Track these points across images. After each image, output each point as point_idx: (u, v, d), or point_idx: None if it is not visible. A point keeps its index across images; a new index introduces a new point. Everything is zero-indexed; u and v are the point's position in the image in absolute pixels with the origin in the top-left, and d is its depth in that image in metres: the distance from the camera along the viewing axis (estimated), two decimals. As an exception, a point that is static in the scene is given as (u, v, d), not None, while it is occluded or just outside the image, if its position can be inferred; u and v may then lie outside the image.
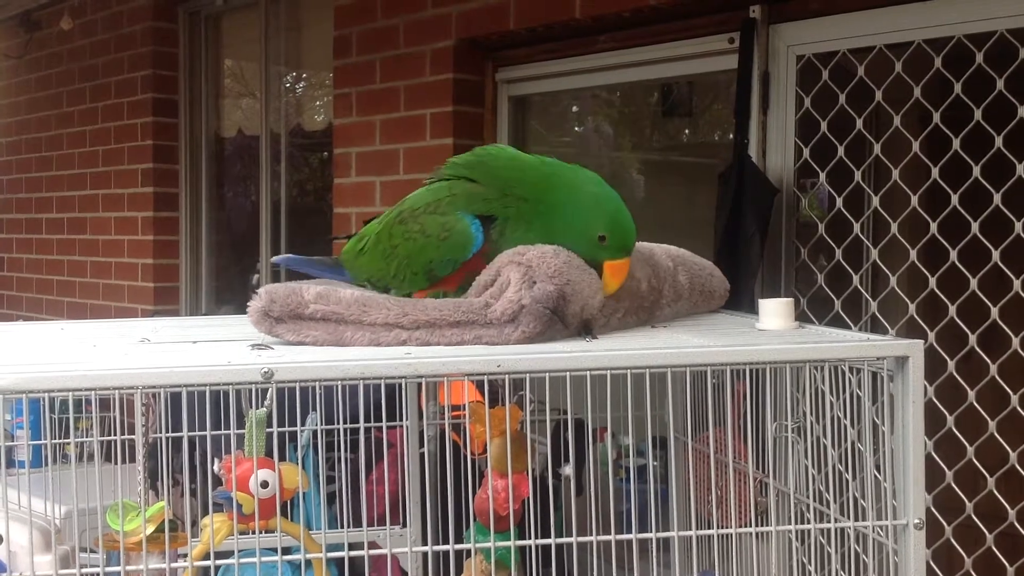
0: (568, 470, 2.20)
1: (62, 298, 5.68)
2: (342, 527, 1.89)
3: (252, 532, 1.29)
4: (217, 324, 1.61)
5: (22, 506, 1.92)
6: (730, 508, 1.63)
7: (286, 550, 1.33)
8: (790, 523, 1.46)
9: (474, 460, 1.68)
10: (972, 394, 2.39)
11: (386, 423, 1.89)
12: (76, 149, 5.59)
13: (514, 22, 3.41)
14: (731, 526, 1.52)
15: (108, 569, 1.18)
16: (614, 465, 2.22)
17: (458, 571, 1.35)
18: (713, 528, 1.33)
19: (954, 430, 2.40)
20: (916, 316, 2.52)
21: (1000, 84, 2.40)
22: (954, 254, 2.44)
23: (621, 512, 1.36)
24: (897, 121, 2.60)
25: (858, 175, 2.69)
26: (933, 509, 2.35)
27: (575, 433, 1.83)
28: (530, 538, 1.37)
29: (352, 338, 1.27)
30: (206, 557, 1.25)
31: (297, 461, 2.45)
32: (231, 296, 5.09)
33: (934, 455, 2.37)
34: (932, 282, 2.49)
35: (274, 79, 4.86)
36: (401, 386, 1.92)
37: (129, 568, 1.23)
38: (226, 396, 1.53)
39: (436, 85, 3.68)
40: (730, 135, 3.05)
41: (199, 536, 1.34)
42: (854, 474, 1.47)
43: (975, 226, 2.40)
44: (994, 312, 2.36)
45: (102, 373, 1.13)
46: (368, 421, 1.98)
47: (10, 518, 1.39)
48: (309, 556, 1.30)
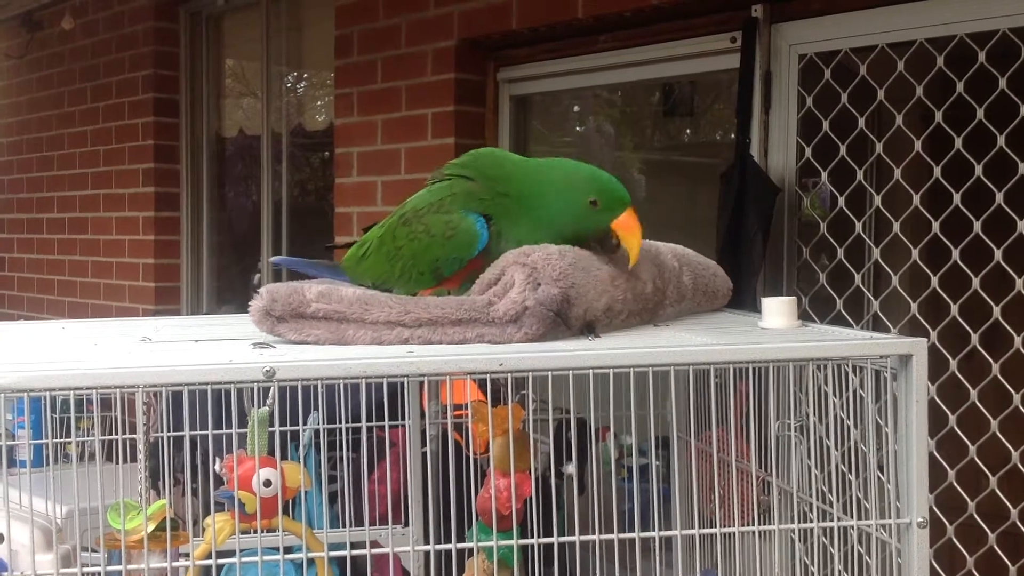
0: (571, 469, 2.20)
1: (63, 298, 5.68)
2: (344, 526, 1.89)
3: (254, 531, 1.29)
4: (218, 323, 1.61)
5: (23, 505, 1.92)
6: (733, 507, 1.63)
7: (288, 549, 1.33)
8: (793, 522, 1.46)
9: (476, 459, 1.67)
10: (974, 393, 2.39)
11: (388, 422, 1.89)
12: (77, 149, 5.59)
13: (516, 22, 3.41)
14: (734, 525, 1.52)
15: (109, 568, 1.18)
16: (616, 464, 2.22)
17: (460, 570, 1.35)
18: (715, 527, 1.33)
19: (956, 429, 2.40)
20: (918, 315, 2.52)
21: (1002, 83, 2.40)
22: (956, 253, 2.43)
23: (623, 511, 1.36)
24: (899, 120, 2.60)
25: (860, 174, 2.68)
26: (935, 508, 2.34)
27: (577, 432, 1.83)
28: (532, 537, 1.37)
29: (354, 337, 1.27)
30: (209, 556, 1.25)
31: (299, 460, 2.45)
32: (232, 296, 5.09)
33: (936, 454, 2.36)
34: (934, 281, 2.49)
35: (275, 79, 4.86)
36: (403, 385, 1.92)
37: (130, 567, 1.22)
38: (228, 395, 1.53)
39: (437, 85, 3.67)
40: (732, 134, 3.04)
41: (201, 535, 1.34)
42: (857, 473, 1.47)
43: (977, 225, 2.40)
44: (996, 311, 2.36)
45: (103, 372, 1.13)
46: (370, 420, 1.98)
47: (11, 517, 1.39)
48: (311, 555, 1.30)
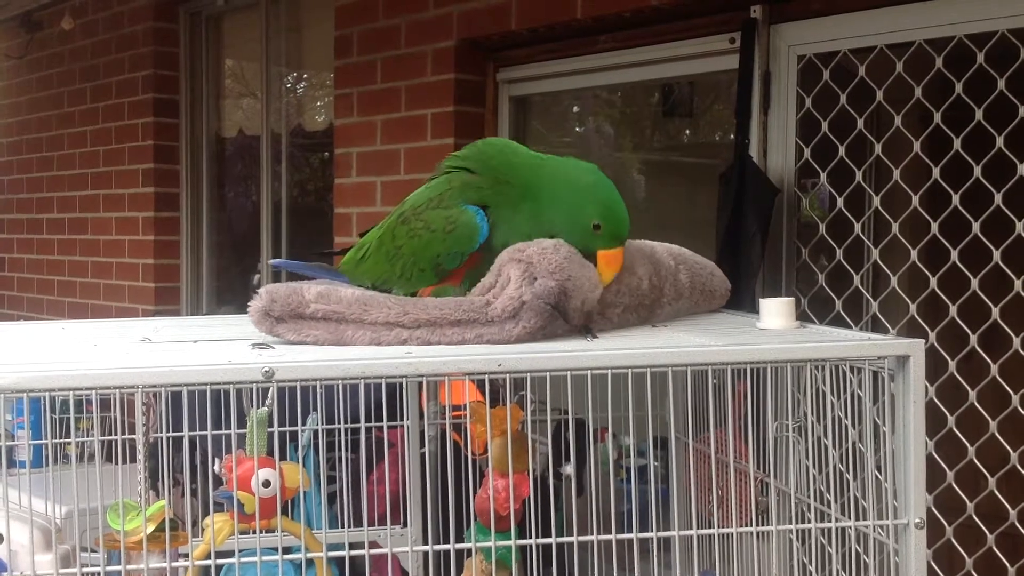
0: (569, 469, 2.20)
1: (63, 298, 5.68)
2: (343, 527, 1.89)
3: (253, 531, 1.29)
4: (218, 324, 1.61)
5: (23, 506, 1.92)
6: (731, 508, 1.63)
7: (287, 549, 1.33)
8: (791, 523, 1.46)
9: (475, 460, 1.68)
10: (973, 394, 2.39)
11: (387, 423, 1.89)
12: (77, 149, 5.59)
13: (515, 22, 3.41)
14: (732, 526, 1.52)
15: (109, 568, 1.18)
16: (615, 465, 2.22)
17: (458, 571, 1.35)
18: (714, 528, 1.33)
19: (955, 430, 2.40)
20: (917, 316, 2.52)
21: (1001, 84, 2.40)
22: (955, 254, 2.43)
23: (622, 512, 1.36)
24: (898, 121, 2.60)
25: (859, 175, 2.69)
26: (934, 509, 2.35)
27: (576, 433, 1.83)
28: (531, 538, 1.37)
29: (353, 337, 1.27)
30: (208, 557, 1.25)
31: (298, 460, 2.45)
32: (232, 296, 5.09)
33: (935, 455, 2.37)
34: (933, 282, 2.49)
35: (275, 79, 4.86)
36: (402, 386, 1.92)
37: (130, 567, 1.23)
38: (227, 395, 1.53)
39: (437, 85, 3.68)
40: (731, 135, 3.05)
41: (200, 536, 1.34)
42: (855, 474, 1.47)
43: (976, 226, 2.40)
44: (995, 312, 2.36)
45: (103, 372, 1.13)
46: (369, 421, 1.98)
47: (11, 517, 1.39)
48: (310, 555, 1.30)
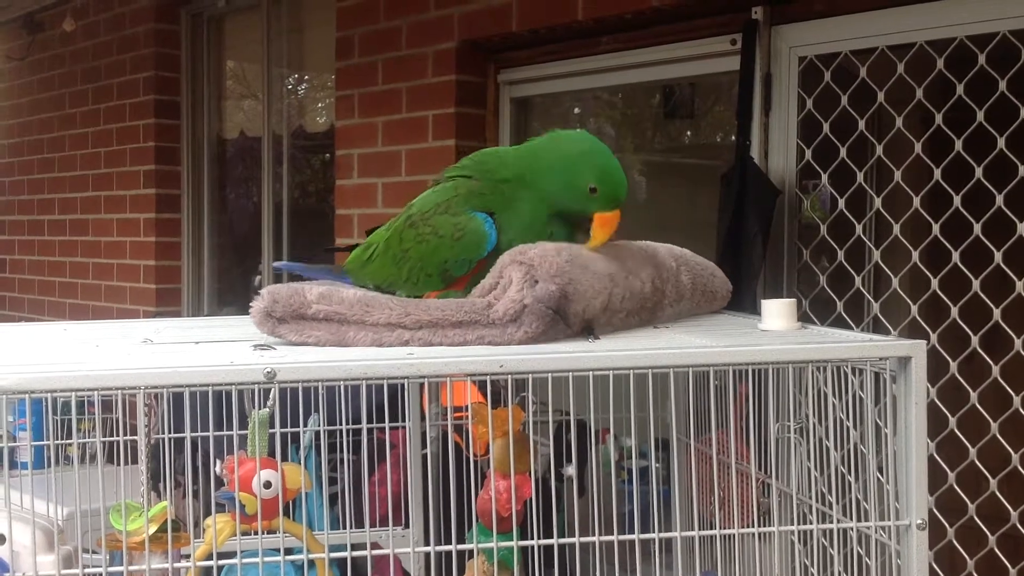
0: (571, 470, 2.20)
1: (64, 300, 5.68)
2: (344, 528, 1.89)
3: (255, 532, 1.29)
4: (219, 325, 1.61)
5: (24, 507, 1.92)
6: (732, 509, 1.63)
7: (289, 550, 1.33)
8: (792, 524, 1.46)
9: (476, 461, 1.68)
10: (974, 395, 2.39)
11: (388, 424, 1.89)
12: (78, 151, 5.59)
13: (516, 24, 3.41)
14: (734, 527, 1.52)
15: (111, 569, 1.18)
16: (616, 466, 2.22)
17: (460, 572, 1.35)
18: (715, 529, 1.33)
19: (956, 431, 2.40)
20: (918, 317, 2.52)
21: (1002, 85, 2.40)
22: (956, 255, 2.43)
23: (623, 513, 1.36)
24: (899, 122, 2.60)
25: (860, 176, 2.69)
26: (935, 511, 2.35)
27: (577, 434, 1.83)
28: (532, 539, 1.37)
29: (355, 338, 1.27)
30: (209, 557, 1.25)
31: (300, 462, 2.45)
32: (233, 298, 5.09)
33: (936, 456, 2.36)
34: (934, 283, 2.49)
35: (276, 81, 4.87)
36: (403, 387, 1.92)
37: (132, 568, 1.23)
38: (228, 396, 1.53)
39: (438, 87, 3.68)
40: (732, 136, 3.05)
41: (202, 536, 1.34)
42: (856, 475, 1.47)
43: (977, 227, 2.40)
44: (996, 313, 2.36)
45: (105, 373, 1.13)
46: (370, 422, 1.98)
47: (13, 518, 1.39)
48: (312, 556, 1.30)
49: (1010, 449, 2.33)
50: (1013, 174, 2.35)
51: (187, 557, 1.37)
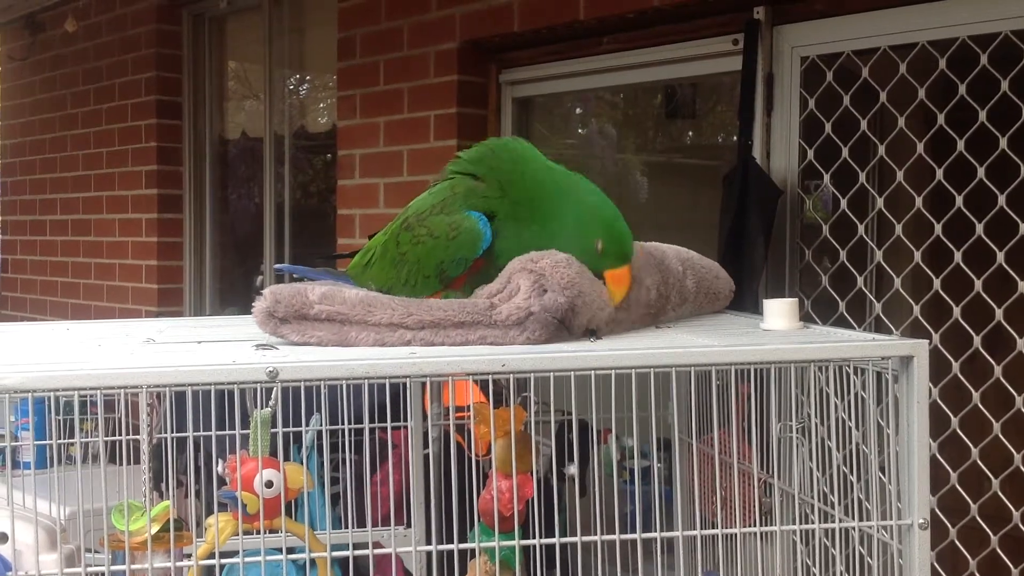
0: (573, 469, 2.21)
1: (66, 300, 5.69)
2: (346, 527, 1.89)
3: (257, 532, 1.29)
4: (222, 325, 1.61)
5: (26, 506, 1.92)
6: (735, 509, 1.63)
7: (290, 550, 1.33)
8: (794, 523, 1.46)
9: (478, 461, 1.68)
10: (976, 396, 2.39)
11: (390, 424, 1.89)
12: (80, 151, 5.60)
13: (518, 24, 3.41)
14: (735, 526, 1.52)
15: (113, 568, 1.18)
16: (618, 466, 2.22)
17: (462, 571, 1.35)
18: (717, 528, 1.33)
19: (958, 432, 2.40)
20: (920, 317, 2.52)
21: (1004, 85, 2.40)
22: (958, 255, 2.43)
23: (625, 513, 1.36)
24: (901, 122, 2.60)
25: (862, 176, 2.69)
26: (937, 511, 2.34)
27: (579, 434, 1.83)
28: (534, 538, 1.37)
29: (357, 338, 1.28)
30: (211, 556, 1.25)
31: (301, 462, 2.45)
32: (235, 298, 5.09)
33: (938, 457, 2.36)
34: (936, 283, 2.49)
35: (278, 81, 4.87)
36: (405, 387, 1.92)
37: (134, 567, 1.23)
38: (231, 396, 1.54)
39: (440, 87, 3.68)
40: (734, 137, 3.05)
41: (204, 536, 1.34)
42: (858, 475, 1.47)
43: (979, 227, 2.40)
44: (998, 313, 2.36)
45: (107, 372, 1.13)
46: (372, 422, 1.98)
47: (15, 517, 1.39)
48: (313, 555, 1.30)
49: (1012, 449, 2.33)
50: (1015, 174, 2.35)
51: (189, 556, 1.37)
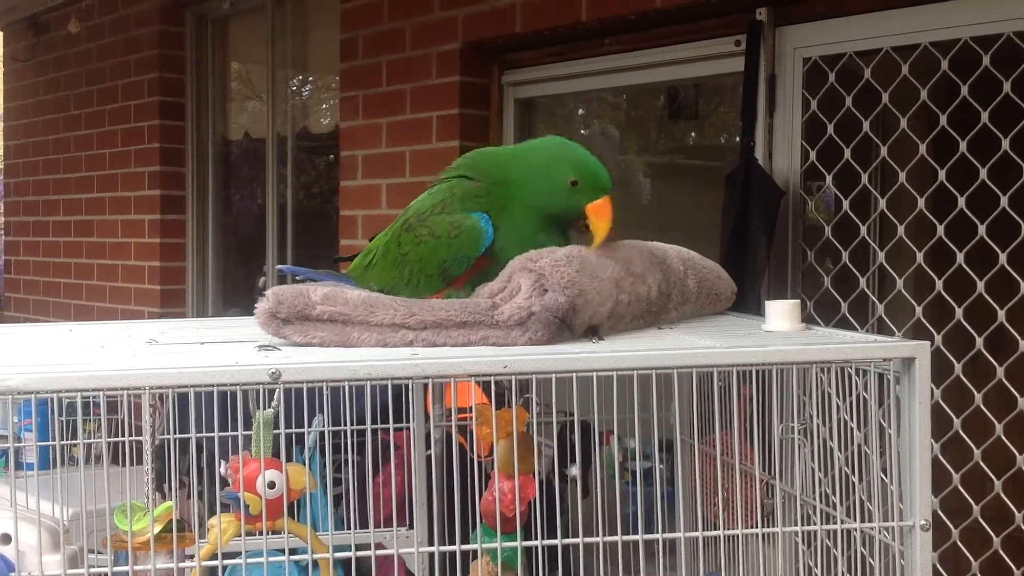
0: (575, 471, 2.21)
1: (69, 301, 5.69)
2: (348, 528, 1.89)
3: (259, 533, 1.30)
4: (224, 326, 1.62)
5: (30, 508, 1.93)
6: (736, 510, 1.63)
7: (293, 551, 1.33)
8: (796, 525, 1.46)
9: (480, 462, 1.68)
10: (979, 397, 2.39)
11: (392, 425, 1.89)
12: (83, 152, 5.60)
13: (520, 25, 3.41)
14: (737, 528, 1.52)
15: (116, 569, 1.19)
16: (620, 468, 2.22)
17: (464, 572, 1.35)
18: (719, 530, 1.33)
19: (961, 433, 2.40)
20: (923, 319, 2.52)
21: (1007, 86, 2.40)
22: (961, 256, 2.43)
23: (627, 515, 1.36)
24: (904, 123, 2.60)
25: (865, 177, 2.68)
26: (940, 512, 2.34)
27: (581, 435, 1.83)
28: (536, 539, 1.37)
29: (359, 339, 1.28)
30: (213, 557, 1.25)
31: (304, 463, 2.45)
32: (237, 299, 5.10)
33: (941, 458, 2.36)
34: (939, 284, 2.49)
35: (280, 82, 4.87)
36: (407, 389, 1.92)
37: (137, 568, 1.23)
38: (233, 397, 1.54)
39: (442, 88, 3.68)
40: (736, 138, 3.05)
41: (206, 537, 1.35)
42: (860, 476, 1.47)
43: (982, 228, 2.40)
44: (1001, 315, 2.36)
45: (110, 373, 1.13)
46: (374, 423, 1.98)
47: (18, 518, 1.39)
48: (316, 556, 1.30)
49: (1014, 450, 2.33)
50: (1018, 175, 2.35)
51: (192, 557, 1.38)
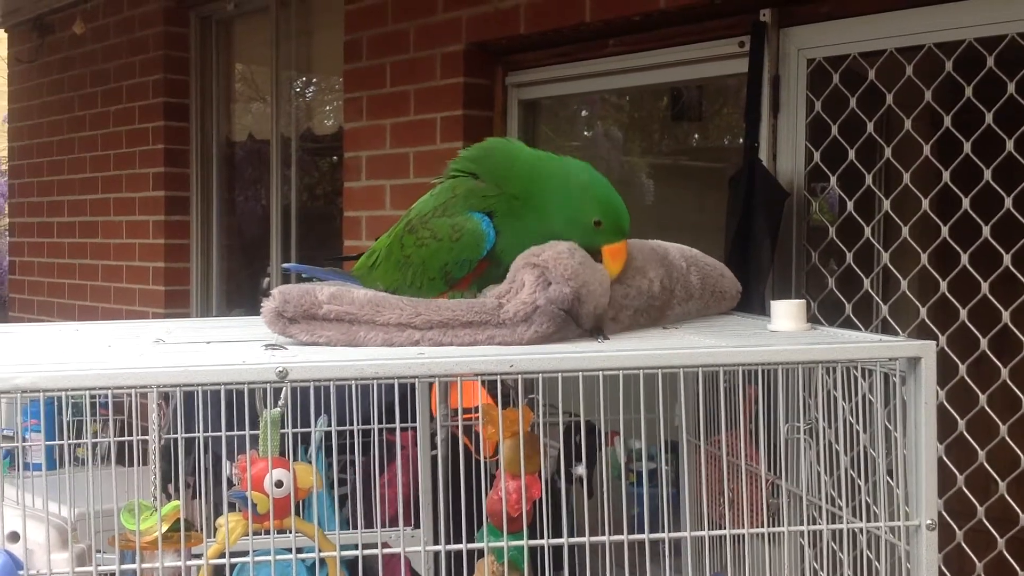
0: (581, 470, 2.21)
1: (74, 301, 5.70)
2: (355, 527, 1.90)
3: (266, 532, 1.30)
4: (231, 325, 1.62)
5: (36, 507, 1.93)
6: (742, 510, 1.63)
7: (300, 550, 1.33)
8: (802, 525, 1.47)
9: (485, 462, 1.68)
10: (983, 398, 2.39)
11: (399, 425, 1.90)
12: (88, 153, 5.61)
13: (524, 26, 3.42)
14: (743, 528, 1.52)
15: (123, 567, 1.19)
16: (625, 468, 2.22)
17: (470, 572, 1.35)
18: (725, 530, 1.33)
19: (965, 434, 2.40)
20: (927, 320, 2.52)
21: (1011, 87, 2.40)
22: (965, 257, 2.43)
23: (632, 515, 1.36)
24: (908, 124, 2.60)
25: (869, 178, 2.69)
26: (944, 513, 2.34)
27: (586, 435, 1.83)
28: (542, 539, 1.38)
29: (365, 338, 1.28)
30: (221, 556, 1.25)
31: (310, 462, 2.45)
32: (241, 300, 5.10)
33: (945, 459, 2.36)
34: (943, 285, 2.49)
35: (285, 83, 4.88)
36: (412, 388, 1.92)
37: (144, 566, 1.23)
38: (240, 396, 1.54)
39: (446, 89, 3.69)
40: (740, 139, 3.05)
41: (214, 536, 1.35)
42: (866, 476, 1.47)
43: (986, 229, 2.40)
44: (1005, 316, 2.36)
45: (118, 372, 1.14)
46: (380, 423, 1.98)
47: (26, 516, 1.40)
48: (323, 555, 1.30)
49: (1019, 451, 2.33)
50: (1022, 176, 2.34)
51: (199, 556, 1.38)
